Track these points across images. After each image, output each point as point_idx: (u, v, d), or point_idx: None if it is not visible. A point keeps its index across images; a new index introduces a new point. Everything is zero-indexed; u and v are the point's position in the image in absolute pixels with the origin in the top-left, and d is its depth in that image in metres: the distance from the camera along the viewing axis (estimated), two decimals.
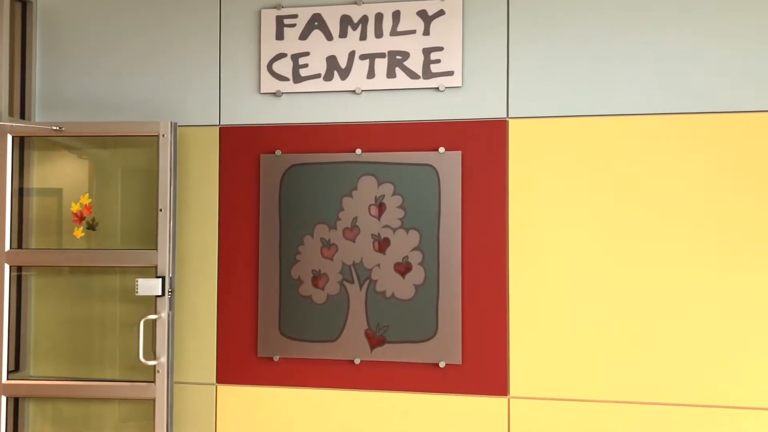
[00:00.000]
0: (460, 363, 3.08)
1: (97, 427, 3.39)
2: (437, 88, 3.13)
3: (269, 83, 3.28)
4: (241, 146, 3.30)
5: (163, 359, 3.15)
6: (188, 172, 3.35)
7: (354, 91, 3.21)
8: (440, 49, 3.14)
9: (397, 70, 3.17)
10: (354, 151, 3.19)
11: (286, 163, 3.24)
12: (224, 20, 3.34)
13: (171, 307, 3.19)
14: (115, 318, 3.38)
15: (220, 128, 3.33)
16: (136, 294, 3.13)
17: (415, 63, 3.15)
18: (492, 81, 3.11)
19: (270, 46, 3.28)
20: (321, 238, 3.20)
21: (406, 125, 3.17)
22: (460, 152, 3.10)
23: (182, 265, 3.34)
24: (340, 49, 3.22)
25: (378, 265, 3.15)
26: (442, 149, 3.11)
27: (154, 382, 3.15)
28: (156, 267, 3.16)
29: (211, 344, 3.31)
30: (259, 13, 3.30)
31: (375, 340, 3.14)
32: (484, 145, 3.09)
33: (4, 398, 3.24)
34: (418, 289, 3.11)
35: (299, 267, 3.22)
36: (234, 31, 3.33)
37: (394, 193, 3.15)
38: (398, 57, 3.17)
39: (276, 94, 3.27)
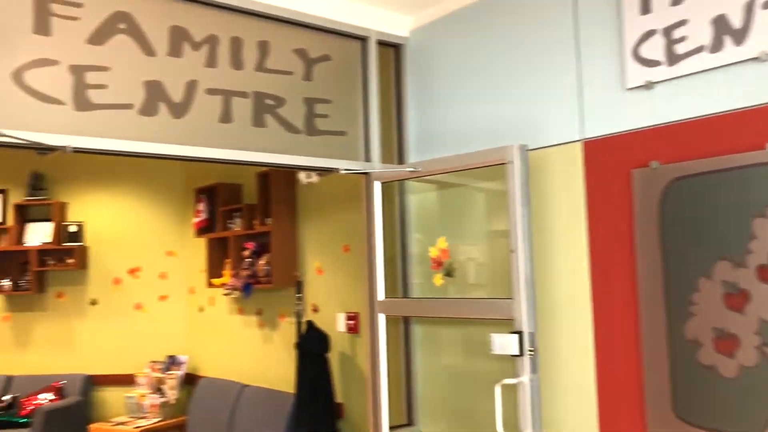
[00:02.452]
0: None
1: None
2: None
3: (637, 73, 2.45)
4: (609, 162, 2.54)
5: None
6: (549, 203, 2.74)
7: (757, 59, 2.13)
8: None
9: None
10: (764, 148, 2.10)
11: (666, 177, 2.34)
12: (581, 7, 2.67)
13: (534, 369, 2.61)
14: (490, 376, 2.95)
15: (583, 143, 2.64)
16: (491, 352, 2.65)
17: None
18: None
19: (634, 25, 2.46)
20: (723, 282, 2.18)
21: None
22: None
23: (548, 318, 2.72)
24: (732, 1, 2.19)
25: None
26: None
27: None
28: (513, 320, 2.64)
29: (589, 420, 2.58)
30: None
31: None
32: None
33: None
34: None
35: (695, 323, 2.25)
36: (590, 17, 2.62)
37: None
38: None
39: (646, 87, 2.42)
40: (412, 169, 3.03)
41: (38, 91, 2.36)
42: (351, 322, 4.14)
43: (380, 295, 3.15)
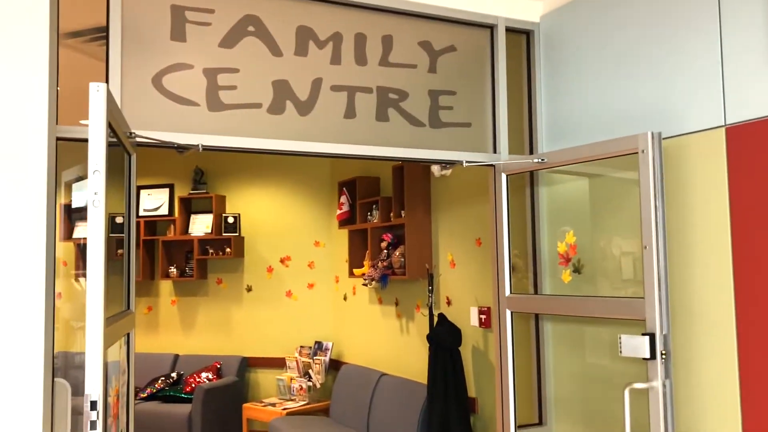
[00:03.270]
0: None
1: None
2: None
3: None
4: (756, 150, 2.28)
5: None
6: (687, 195, 2.51)
7: None
8: None
9: None
10: None
11: None
12: None
13: (667, 374, 2.42)
14: (626, 378, 2.78)
15: (726, 129, 2.39)
16: (620, 354, 2.49)
17: None
18: None
19: None
20: None
21: None
22: None
23: (683, 320, 2.50)
24: None
25: None
26: None
27: None
28: (645, 321, 2.46)
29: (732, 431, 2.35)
30: None
31: None
32: None
33: None
34: None
35: None
36: None
37: None
38: None
39: None
40: (538, 160, 2.92)
41: (175, 93, 2.55)
42: (483, 316, 4.08)
43: (507, 290, 3.07)
